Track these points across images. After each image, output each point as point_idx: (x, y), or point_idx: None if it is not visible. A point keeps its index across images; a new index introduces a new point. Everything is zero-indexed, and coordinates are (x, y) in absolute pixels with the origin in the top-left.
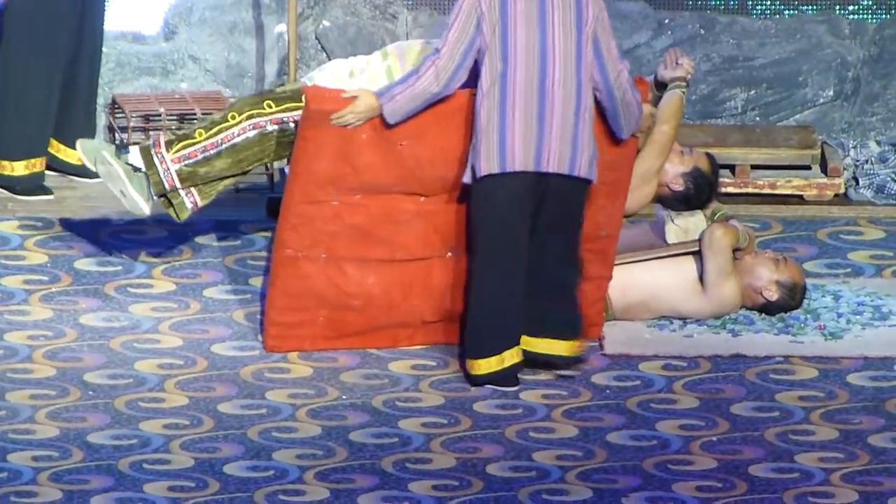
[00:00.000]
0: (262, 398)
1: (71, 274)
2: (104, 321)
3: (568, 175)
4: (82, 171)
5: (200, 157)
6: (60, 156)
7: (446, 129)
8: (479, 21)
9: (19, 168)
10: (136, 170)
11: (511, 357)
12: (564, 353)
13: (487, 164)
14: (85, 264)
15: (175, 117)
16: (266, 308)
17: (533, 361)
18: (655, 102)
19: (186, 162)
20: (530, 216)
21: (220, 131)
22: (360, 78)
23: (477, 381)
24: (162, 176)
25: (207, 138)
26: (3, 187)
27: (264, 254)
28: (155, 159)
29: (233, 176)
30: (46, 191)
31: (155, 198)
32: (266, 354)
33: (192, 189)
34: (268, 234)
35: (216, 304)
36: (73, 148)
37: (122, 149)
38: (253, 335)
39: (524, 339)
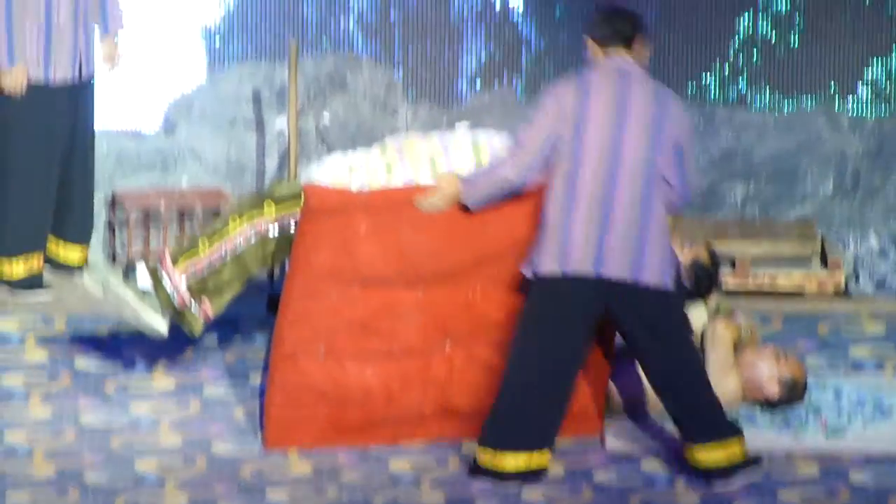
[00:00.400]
0: (261, 497)
1: (71, 372)
2: (104, 420)
3: (634, 282)
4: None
5: (206, 269)
6: (61, 252)
7: (448, 222)
8: (559, 118)
9: (18, 269)
10: (146, 291)
11: (539, 459)
12: (725, 462)
13: (548, 262)
14: (85, 362)
15: (175, 213)
16: (265, 404)
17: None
18: None
19: (194, 276)
20: (593, 320)
21: (222, 239)
22: (359, 173)
23: (503, 475)
24: (171, 294)
25: (211, 248)
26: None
27: (264, 350)
28: (162, 277)
29: (240, 282)
30: (44, 285)
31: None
32: (266, 452)
33: (204, 299)
34: (267, 330)
35: (216, 401)
36: (72, 242)
37: (129, 270)
38: (253, 433)
39: (690, 449)
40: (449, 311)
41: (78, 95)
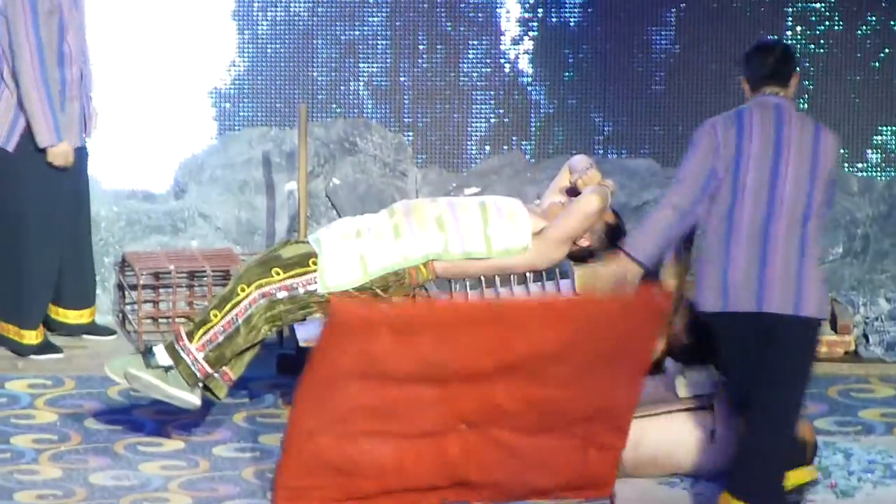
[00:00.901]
0: None
1: (80, 433)
2: (113, 480)
3: (793, 315)
4: (90, 329)
5: (221, 338)
6: (60, 318)
7: (471, 335)
8: (714, 153)
9: (30, 336)
10: (168, 368)
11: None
12: None
13: (710, 300)
14: (94, 423)
15: (185, 275)
16: (277, 471)
17: None
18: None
19: (210, 347)
20: (755, 359)
21: (232, 307)
22: (367, 237)
23: None
24: (192, 367)
25: (223, 317)
26: (13, 352)
27: (273, 410)
28: (181, 353)
29: (255, 345)
30: (56, 349)
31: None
32: None
33: (224, 367)
34: (277, 390)
35: (225, 462)
36: (71, 309)
37: (148, 353)
38: (262, 493)
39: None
40: (468, 404)
41: (81, 160)
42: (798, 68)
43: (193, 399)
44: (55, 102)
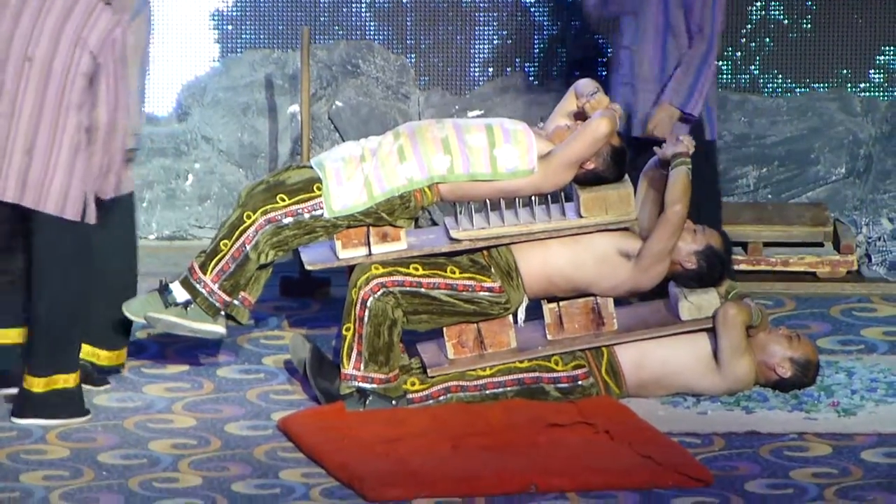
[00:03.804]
0: (275, 478)
1: None
2: (118, 402)
3: None
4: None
5: (233, 266)
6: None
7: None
8: None
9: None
10: (187, 304)
11: None
12: None
13: None
14: None
15: None
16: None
17: None
18: (662, 181)
19: (224, 277)
20: None
21: (240, 235)
22: (371, 160)
23: None
24: (210, 299)
25: (232, 246)
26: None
27: (277, 332)
28: (197, 286)
29: (266, 266)
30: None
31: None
32: (279, 433)
33: (241, 293)
34: (281, 313)
35: (230, 383)
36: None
37: (165, 290)
38: (266, 415)
39: None
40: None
41: None
42: None
43: (218, 329)
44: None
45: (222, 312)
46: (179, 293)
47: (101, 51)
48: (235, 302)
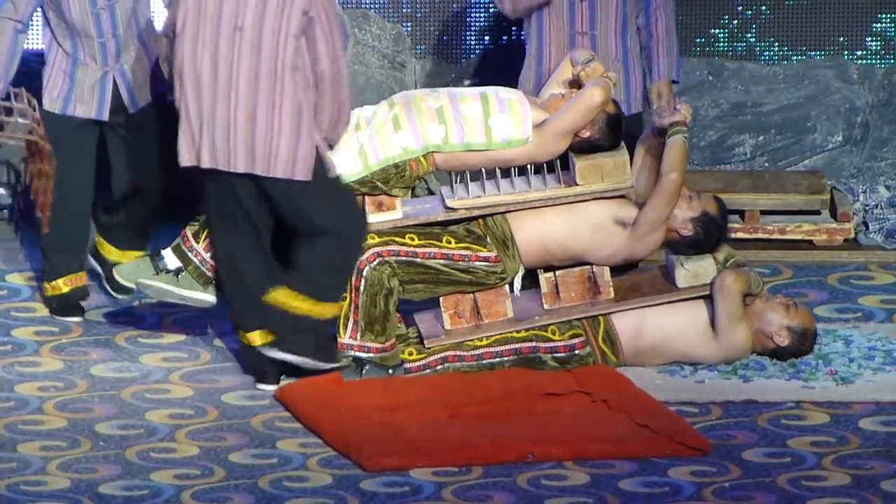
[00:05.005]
0: (272, 447)
1: (81, 325)
2: (115, 372)
3: None
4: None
5: None
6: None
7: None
8: None
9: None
10: (178, 271)
11: None
12: None
13: None
14: (95, 315)
15: None
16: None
17: None
18: (659, 149)
19: None
20: None
21: None
22: (366, 129)
23: None
24: (202, 267)
25: None
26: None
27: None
28: (189, 254)
29: None
30: (80, 310)
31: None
32: (276, 403)
33: None
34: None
35: (227, 353)
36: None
37: (157, 256)
38: None
39: None
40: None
41: None
42: None
43: (208, 297)
44: None
45: (213, 281)
46: (171, 260)
47: (310, 5)
48: None
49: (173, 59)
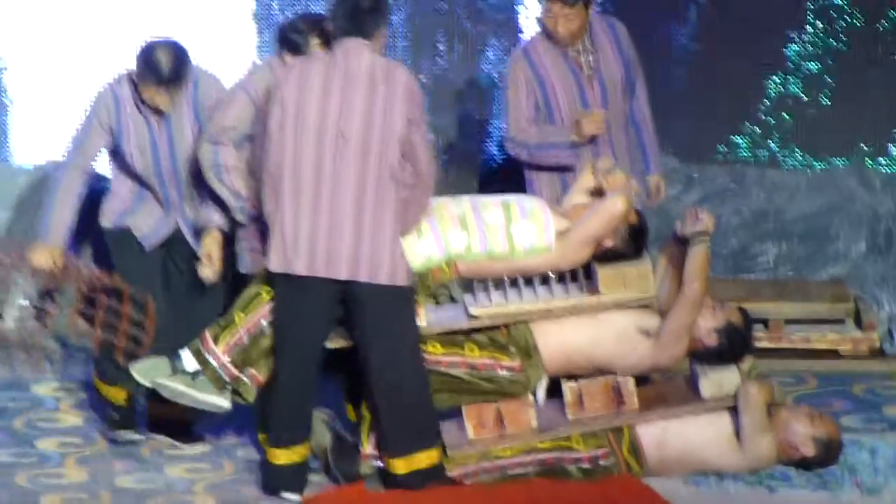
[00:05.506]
0: None
1: (106, 437)
2: (139, 483)
3: None
4: None
5: (247, 340)
6: None
7: None
8: None
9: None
10: (196, 374)
11: None
12: None
13: None
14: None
15: None
16: None
17: None
18: (681, 258)
19: (237, 350)
20: None
21: (256, 307)
22: None
23: None
24: (220, 371)
25: (247, 319)
26: None
27: None
28: (208, 357)
29: None
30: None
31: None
32: None
33: (250, 369)
34: None
35: (250, 464)
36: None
37: (175, 357)
38: None
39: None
40: None
41: None
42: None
43: (223, 402)
44: None
45: (229, 387)
46: (189, 362)
47: (412, 110)
48: (244, 378)
49: (265, 165)
